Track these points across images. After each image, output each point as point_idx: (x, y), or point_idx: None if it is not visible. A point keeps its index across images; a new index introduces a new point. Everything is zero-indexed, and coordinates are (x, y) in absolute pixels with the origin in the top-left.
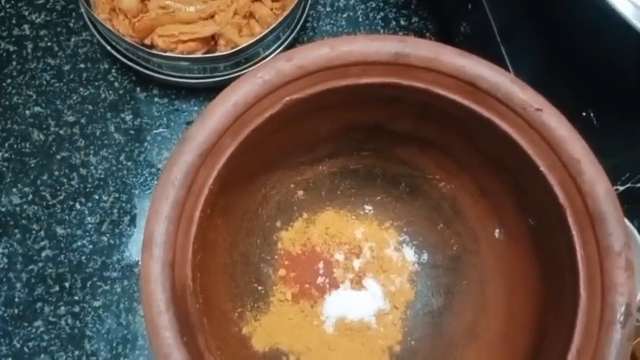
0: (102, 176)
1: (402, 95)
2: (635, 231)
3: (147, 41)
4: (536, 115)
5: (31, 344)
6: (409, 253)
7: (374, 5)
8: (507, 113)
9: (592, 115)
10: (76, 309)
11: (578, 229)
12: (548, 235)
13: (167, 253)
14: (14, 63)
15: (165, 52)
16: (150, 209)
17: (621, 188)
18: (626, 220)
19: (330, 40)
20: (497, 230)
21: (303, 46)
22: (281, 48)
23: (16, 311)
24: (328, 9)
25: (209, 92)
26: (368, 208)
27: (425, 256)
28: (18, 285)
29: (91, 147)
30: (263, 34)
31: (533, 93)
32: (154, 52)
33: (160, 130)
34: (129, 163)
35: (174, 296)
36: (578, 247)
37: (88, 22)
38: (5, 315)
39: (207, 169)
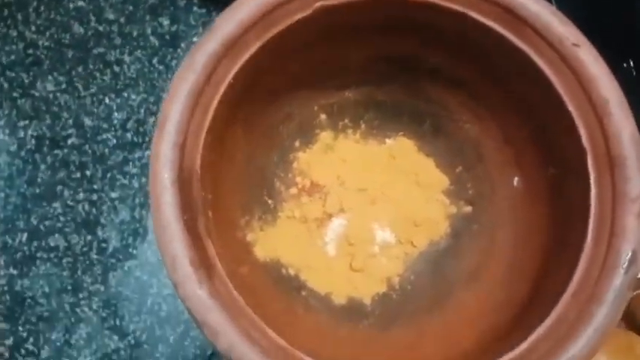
0: (133, 76)
1: (437, 21)
2: None
3: None
4: (572, 50)
5: (47, 223)
6: None
7: None
8: (542, 46)
9: (632, 65)
10: (94, 197)
11: (597, 173)
12: (565, 182)
13: (178, 136)
14: None
15: None
16: (168, 92)
17: None
18: None
19: None
20: (515, 178)
21: None
22: None
23: (37, 190)
24: None
25: None
26: (389, 142)
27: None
28: (42, 166)
29: (127, 46)
30: None
31: (573, 27)
32: None
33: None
34: (161, 67)
35: (181, 177)
36: (593, 191)
37: None
38: (27, 193)
39: (229, 62)
